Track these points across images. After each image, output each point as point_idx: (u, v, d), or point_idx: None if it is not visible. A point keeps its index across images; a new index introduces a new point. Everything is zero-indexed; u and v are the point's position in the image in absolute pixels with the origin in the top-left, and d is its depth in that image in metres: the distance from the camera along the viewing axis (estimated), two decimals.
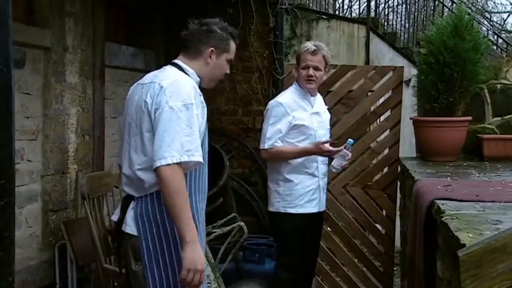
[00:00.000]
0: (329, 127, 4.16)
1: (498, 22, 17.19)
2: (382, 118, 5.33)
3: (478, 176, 3.69)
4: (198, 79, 2.70)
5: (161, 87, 2.53)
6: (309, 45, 3.97)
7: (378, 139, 5.34)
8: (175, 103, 2.47)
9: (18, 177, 3.80)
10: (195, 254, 2.42)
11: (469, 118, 4.54)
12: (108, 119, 4.94)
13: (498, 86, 4.96)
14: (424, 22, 9.75)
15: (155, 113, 2.49)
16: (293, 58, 7.41)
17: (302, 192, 3.97)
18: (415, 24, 9.79)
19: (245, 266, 4.89)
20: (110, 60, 4.92)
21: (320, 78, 4.00)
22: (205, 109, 2.66)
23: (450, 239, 2.07)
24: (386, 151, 5.23)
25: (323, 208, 4.10)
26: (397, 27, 10.23)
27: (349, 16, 10.98)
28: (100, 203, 4.10)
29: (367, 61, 7.78)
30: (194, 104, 2.51)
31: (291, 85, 4.13)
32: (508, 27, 17.28)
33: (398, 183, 5.03)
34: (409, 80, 6.18)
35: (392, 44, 8.06)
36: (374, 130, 5.33)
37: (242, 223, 4.64)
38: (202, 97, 2.63)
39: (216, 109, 5.92)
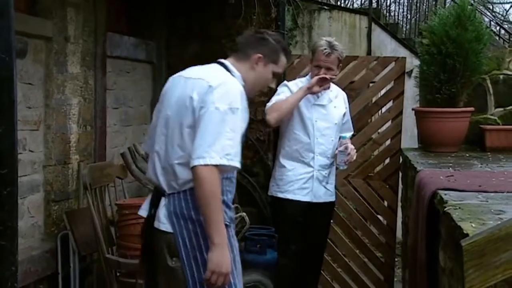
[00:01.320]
0: (336, 122, 4.10)
1: (501, 12, 17.13)
2: (384, 109, 5.33)
3: (481, 167, 3.70)
4: (243, 83, 2.65)
5: (210, 86, 2.48)
6: (325, 45, 3.93)
7: (379, 130, 5.34)
8: (222, 105, 2.43)
9: (20, 167, 3.80)
10: (221, 256, 2.42)
11: (471, 108, 4.54)
12: (109, 109, 4.92)
13: (501, 76, 4.96)
14: (426, 13, 9.72)
15: (199, 111, 2.45)
16: (295, 49, 7.40)
17: (293, 179, 4.01)
18: (417, 15, 9.77)
19: (247, 256, 4.90)
20: (112, 51, 4.90)
21: (332, 76, 4.03)
22: (247, 114, 2.62)
23: (453, 229, 2.08)
24: (388, 142, 5.23)
25: (316, 200, 4.05)
26: (399, 17, 10.21)
27: (351, 6, 10.96)
28: (102, 194, 4.11)
29: (369, 52, 7.77)
30: (240, 109, 2.48)
31: (298, 75, 4.17)
32: (511, 18, 17.23)
33: (400, 174, 5.03)
34: (411, 71, 6.17)
35: (394, 35, 8.05)
36: (376, 121, 5.33)
37: (244, 214, 4.64)
38: (246, 102, 2.59)
39: None
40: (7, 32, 1.97)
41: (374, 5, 9.09)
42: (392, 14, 10.59)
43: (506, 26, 14.02)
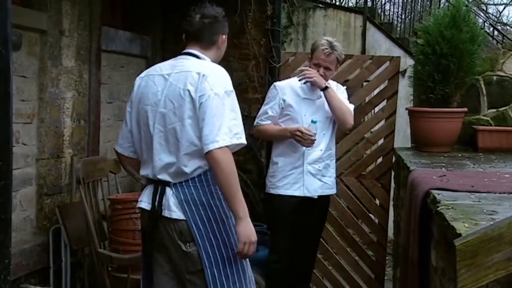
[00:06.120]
0: (328, 115, 4.06)
1: (494, 14, 17.20)
2: (377, 108, 5.34)
3: (473, 167, 3.72)
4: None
5: (203, 75, 2.63)
6: (326, 44, 3.98)
7: (373, 129, 5.35)
8: (219, 90, 2.61)
9: (13, 161, 3.77)
10: (248, 228, 2.62)
11: (465, 109, 4.56)
12: (103, 104, 4.91)
13: (494, 78, 4.98)
14: (421, 13, 9.74)
15: (199, 100, 2.59)
16: (289, 46, 7.40)
17: (284, 174, 4.04)
18: (412, 14, 9.79)
19: None
20: (107, 45, 4.89)
21: (330, 75, 4.06)
22: None
23: (446, 229, 2.09)
24: (381, 141, 5.24)
25: (311, 194, 4.06)
26: (394, 17, 10.24)
27: (346, 5, 10.97)
28: (95, 188, 4.11)
29: (363, 51, 7.79)
30: (233, 91, 2.67)
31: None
32: (504, 20, 17.31)
33: (392, 173, 5.05)
34: (405, 70, 6.18)
35: (388, 34, 8.06)
36: (370, 120, 5.34)
37: None
38: None
39: None
40: (4, 24, 1.96)
41: (369, 4, 9.11)
42: (386, 13, 10.61)
43: (499, 27, 14.08)
